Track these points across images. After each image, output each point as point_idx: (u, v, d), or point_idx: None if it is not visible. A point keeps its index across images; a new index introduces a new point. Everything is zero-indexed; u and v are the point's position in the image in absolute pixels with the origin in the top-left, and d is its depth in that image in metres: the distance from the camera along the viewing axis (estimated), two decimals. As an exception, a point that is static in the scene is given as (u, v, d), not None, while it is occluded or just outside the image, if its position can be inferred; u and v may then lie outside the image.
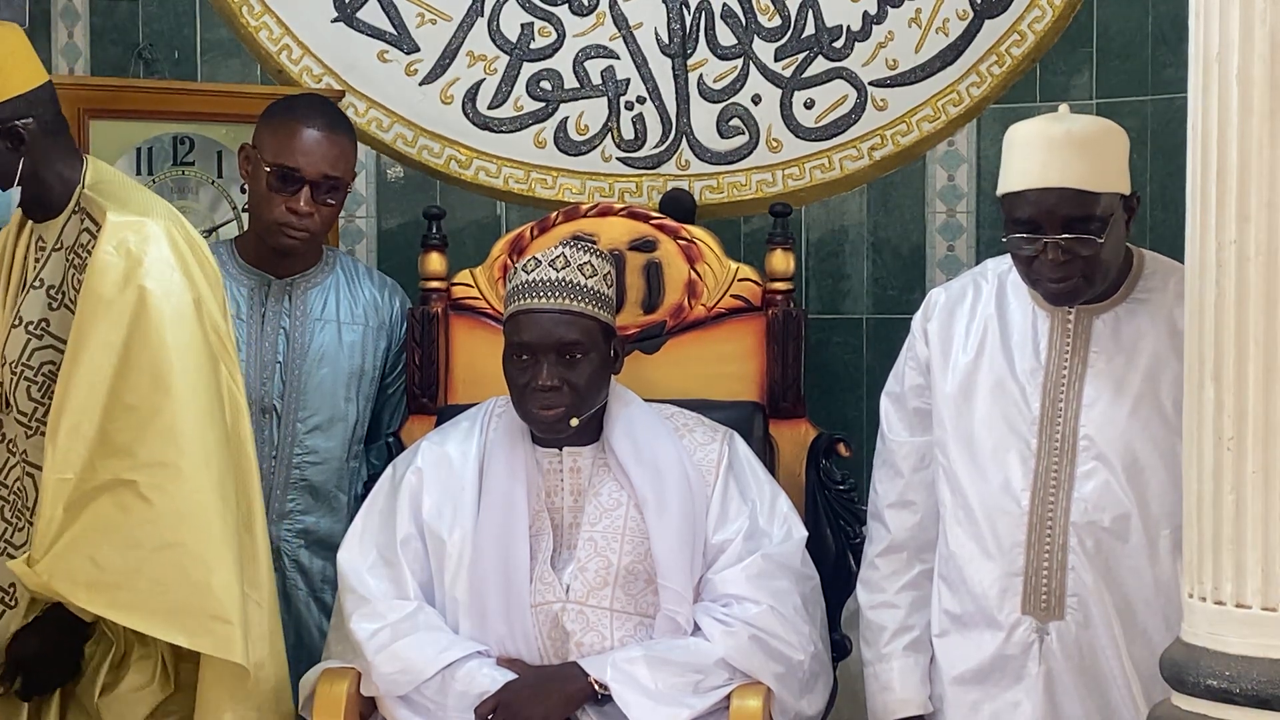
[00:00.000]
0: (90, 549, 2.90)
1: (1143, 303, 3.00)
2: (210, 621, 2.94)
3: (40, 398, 3.03)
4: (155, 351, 2.94)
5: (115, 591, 2.92)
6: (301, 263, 3.60)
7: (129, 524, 2.91)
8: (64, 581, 2.91)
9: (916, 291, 3.90)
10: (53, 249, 3.06)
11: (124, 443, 2.92)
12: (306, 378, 3.57)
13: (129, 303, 2.93)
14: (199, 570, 2.94)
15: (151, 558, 2.92)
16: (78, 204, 3.05)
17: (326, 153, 3.50)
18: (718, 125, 4.12)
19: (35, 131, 2.99)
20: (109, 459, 2.91)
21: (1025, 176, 2.90)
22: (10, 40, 3.02)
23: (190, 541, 2.94)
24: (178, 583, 2.93)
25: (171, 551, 2.93)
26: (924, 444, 3.14)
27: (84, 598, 2.92)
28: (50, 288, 3.05)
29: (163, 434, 2.94)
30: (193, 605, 2.94)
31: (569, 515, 3.20)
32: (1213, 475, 2.35)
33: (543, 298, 3.15)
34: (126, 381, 2.92)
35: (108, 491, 2.91)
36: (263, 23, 4.16)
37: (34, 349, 3.04)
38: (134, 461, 2.92)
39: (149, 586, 2.92)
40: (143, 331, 2.93)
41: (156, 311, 2.94)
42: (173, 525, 2.93)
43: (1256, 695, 2.28)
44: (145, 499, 2.91)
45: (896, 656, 3.14)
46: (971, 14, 4.06)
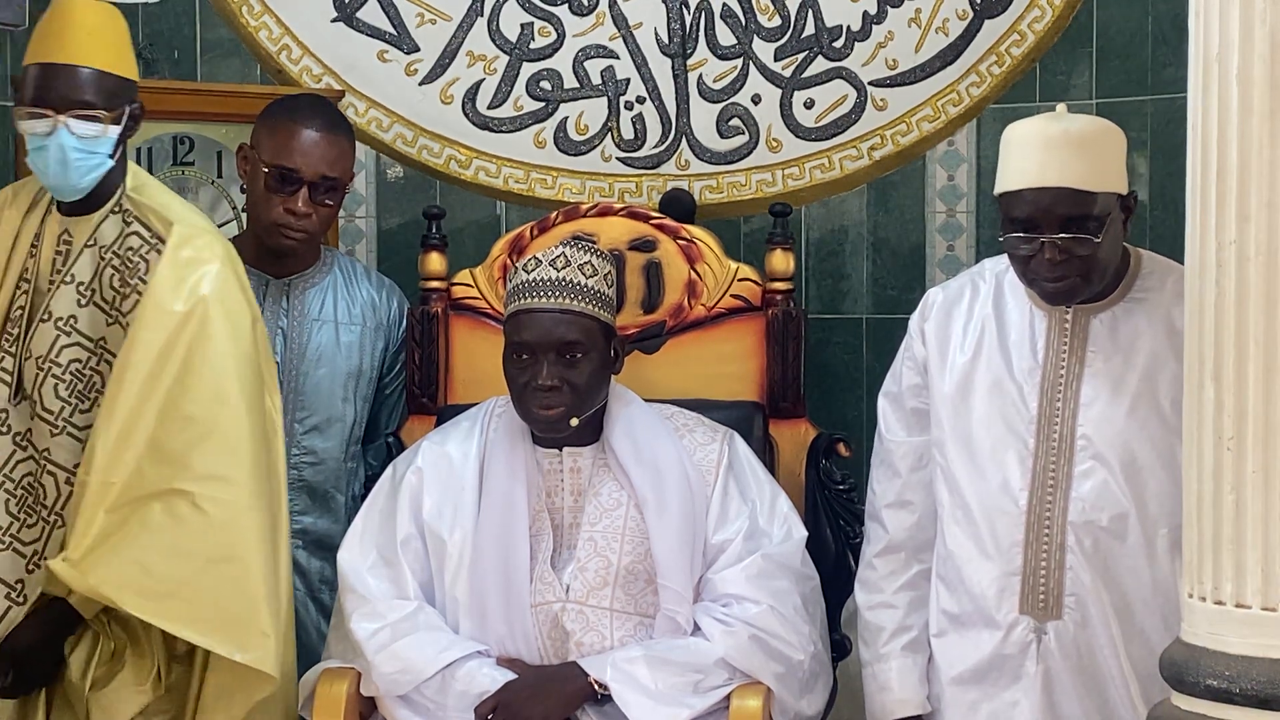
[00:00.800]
0: (140, 555, 2.91)
1: (1140, 302, 3.00)
2: (259, 636, 2.97)
3: (68, 397, 3.03)
4: (217, 365, 2.98)
5: (166, 600, 2.93)
6: (299, 263, 3.60)
7: (183, 534, 2.93)
8: (112, 586, 2.91)
9: (916, 291, 3.89)
10: (84, 245, 3.06)
11: (179, 452, 2.94)
12: (304, 378, 3.57)
13: (194, 314, 2.97)
14: (249, 584, 2.97)
15: (206, 569, 2.95)
16: (119, 204, 3.07)
17: (325, 153, 3.50)
18: (717, 125, 4.11)
19: (138, 120, 3.06)
20: (161, 466, 2.93)
21: (1022, 176, 2.90)
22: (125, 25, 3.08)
23: (243, 555, 2.97)
24: (230, 595, 2.96)
25: (226, 565, 2.96)
26: (922, 444, 3.14)
27: (133, 603, 2.93)
28: (80, 284, 3.05)
29: (220, 446, 2.97)
30: (244, 618, 2.97)
31: (569, 515, 3.20)
32: (1213, 475, 2.35)
33: (543, 297, 3.15)
34: (186, 392, 2.95)
35: (159, 499, 2.93)
36: (262, 23, 4.16)
37: (62, 346, 3.04)
38: (190, 472, 2.94)
39: (202, 597, 2.94)
40: (205, 344, 2.97)
41: (220, 326, 2.99)
42: (227, 538, 2.96)
43: (1256, 695, 2.28)
44: (200, 510, 2.94)
45: (894, 656, 3.14)
46: (971, 14, 4.06)
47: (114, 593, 2.92)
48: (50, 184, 3.03)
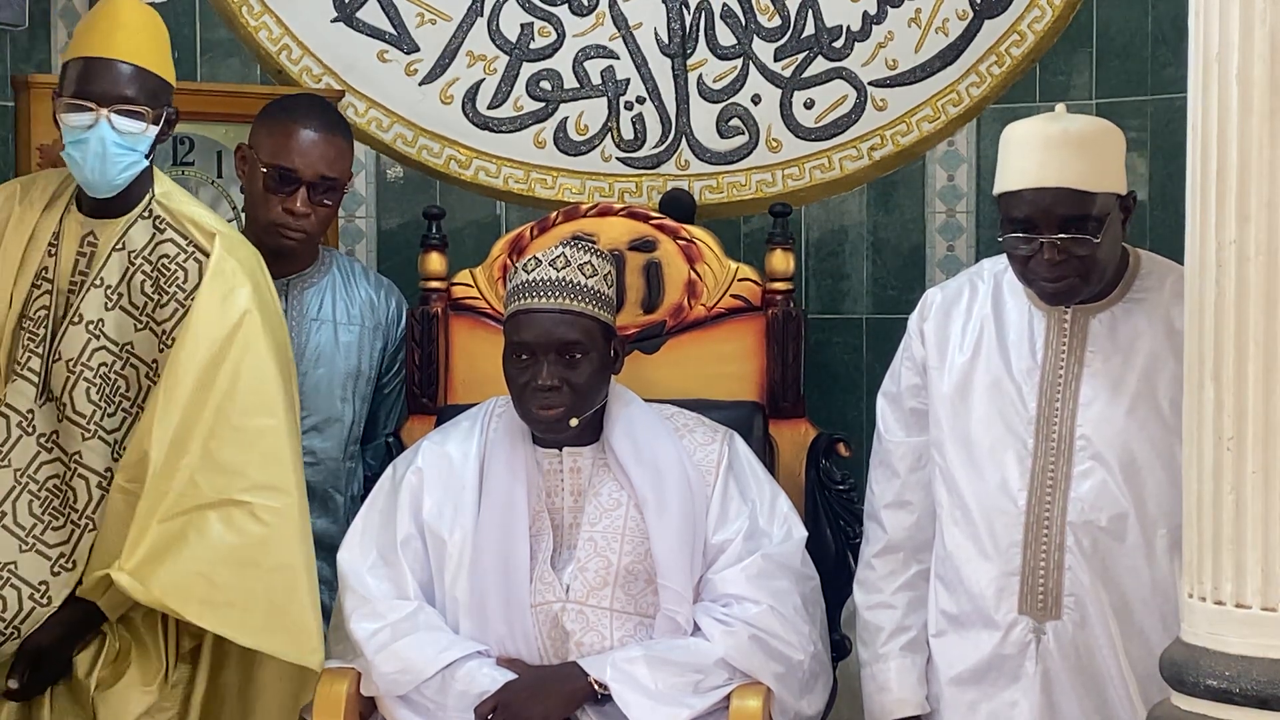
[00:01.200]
0: (204, 567, 2.94)
1: (1139, 302, 3.00)
2: (310, 637, 3.02)
3: (99, 401, 3.04)
4: (264, 376, 3.02)
5: (228, 610, 2.96)
6: (298, 263, 3.60)
7: (245, 544, 2.97)
8: (177, 598, 2.93)
9: (916, 291, 3.88)
10: (113, 250, 3.06)
11: (232, 462, 2.97)
12: (303, 378, 3.56)
13: (244, 326, 3.01)
14: (305, 590, 3.02)
15: (267, 578, 2.98)
16: (148, 210, 3.08)
17: (323, 153, 3.50)
18: (717, 125, 4.12)
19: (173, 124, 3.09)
20: (215, 477, 2.96)
21: (1021, 176, 2.90)
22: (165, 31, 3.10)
23: (299, 563, 3.02)
24: (291, 602, 3.00)
25: (286, 573, 3.00)
26: (920, 444, 3.14)
27: (195, 613, 2.95)
28: (108, 288, 3.06)
29: (270, 456, 3.01)
30: (304, 623, 3.02)
31: (569, 515, 3.20)
32: (1213, 475, 2.35)
33: (543, 297, 3.15)
34: (235, 403, 2.98)
35: (215, 510, 2.95)
36: (262, 23, 4.16)
37: (93, 349, 3.05)
38: (245, 482, 2.98)
39: (264, 606, 2.98)
40: (254, 356, 3.01)
41: (264, 337, 3.03)
42: (286, 547, 3.00)
43: (1256, 695, 2.28)
44: (259, 520, 2.97)
45: (893, 657, 3.15)
46: (971, 14, 4.07)
47: (179, 604, 2.94)
48: (86, 178, 3.03)
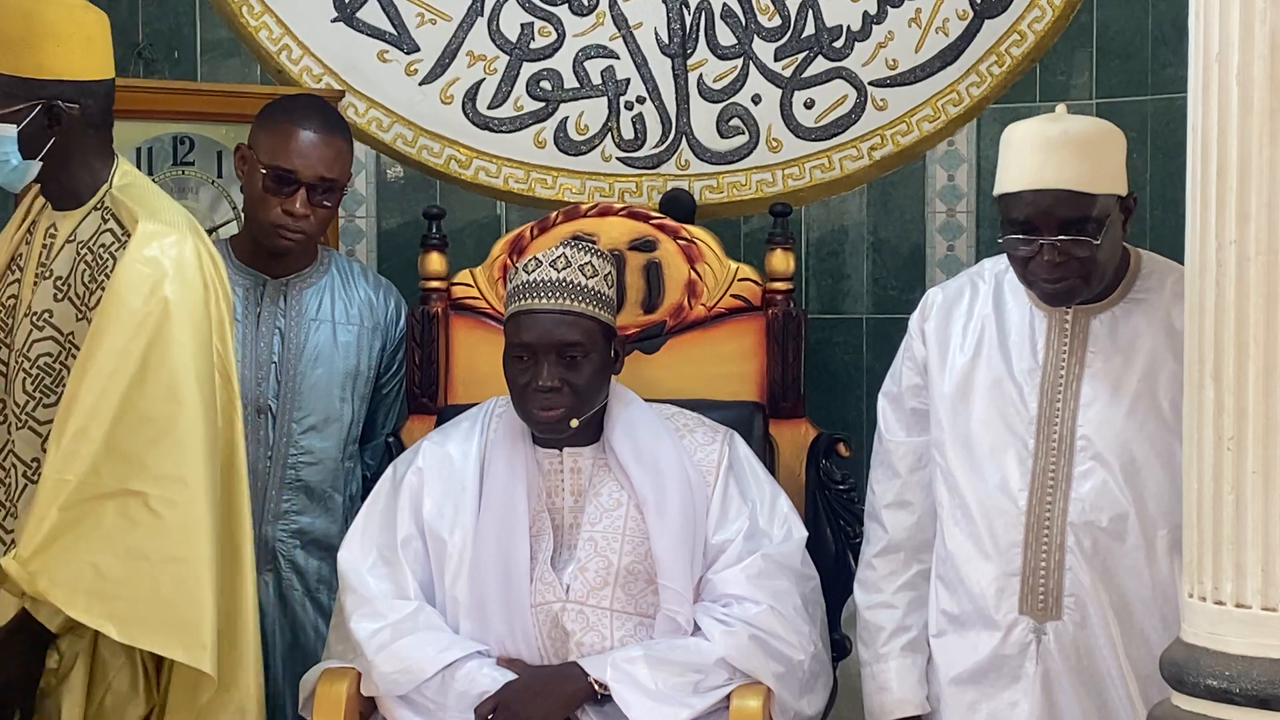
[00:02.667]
0: (93, 556, 2.88)
1: (1140, 303, 3.00)
2: (204, 636, 2.93)
3: (33, 391, 3.02)
4: (174, 364, 2.94)
5: (114, 602, 2.89)
6: (297, 263, 3.60)
7: (136, 535, 2.89)
8: (62, 588, 2.87)
9: (916, 291, 3.89)
10: (65, 240, 3.06)
11: (134, 452, 2.91)
12: (301, 378, 3.57)
13: (153, 313, 2.93)
14: (198, 586, 2.93)
15: (156, 570, 2.91)
16: (101, 201, 3.06)
17: (322, 155, 3.50)
18: (718, 125, 4.11)
19: (76, 119, 3.00)
20: (116, 466, 2.90)
21: (1022, 177, 2.90)
22: (91, 25, 3.05)
23: (193, 557, 2.93)
24: (180, 597, 2.92)
25: (176, 565, 2.92)
26: (921, 444, 3.14)
27: (81, 605, 2.88)
28: (58, 279, 3.05)
29: (175, 447, 2.94)
30: (191, 620, 2.93)
31: (569, 515, 3.21)
32: (1213, 475, 2.34)
33: (543, 298, 3.15)
34: (143, 392, 2.92)
35: (113, 499, 2.89)
36: (263, 23, 4.16)
37: (34, 340, 3.03)
38: (145, 473, 2.91)
39: (151, 599, 2.90)
40: (164, 344, 2.93)
41: (178, 325, 2.95)
42: (180, 539, 2.92)
43: (1256, 695, 2.28)
44: (154, 511, 2.90)
45: (894, 657, 3.14)
46: (971, 14, 4.06)
47: (63, 596, 2.87)
48: None
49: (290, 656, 3.54)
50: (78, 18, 3.02)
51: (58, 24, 3.00)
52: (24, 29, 2.98)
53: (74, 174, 3.05)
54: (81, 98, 3.01)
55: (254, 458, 3.49)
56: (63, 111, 2.99)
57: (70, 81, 2.99)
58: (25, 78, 2.97)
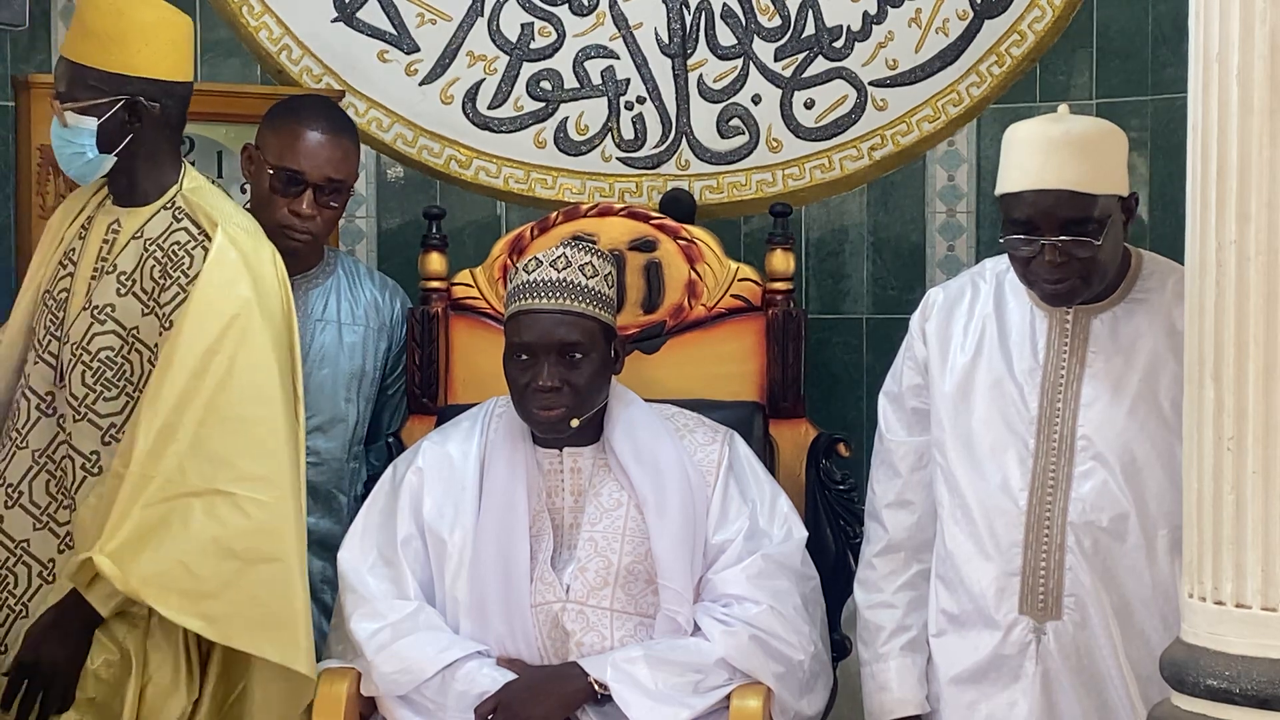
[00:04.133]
0: (182, 554, 2.91)
1: (1141, 303, 3.00)
2: (297, 636, 2.98)
3: (93, 384, 3.04)
4: (259, 367, 3.00)
5: (208, 602, 2.93)
6: (303, 264, 3.60)
7: (226, 535, 2.93)
8: (154, 586, 2.90)
9: (916, 291, 3.89)
10: (131, 237, 3.09)
11: (222, 453, 2.95)
12: (307, 379, 3.55)
13: (239, 316, 2.99)
14: (289, 586, 2.98)
15: (248, 571, 2.95)
16: (171, 201, 3.10)
17: (330, 156, 3.50)
18: (718, 125, 4.12)
19: (156, 117, 3.06)
20: (203, 466, 2.94)
21: (1023, 177, 2.90)
22: (178, 29, 3.13)
23: (283, 557, 2.98)
24: (271, 597, 2.96)
25: (267, 566, 2.97)
26: (922, 444, 3.14)
27: (174, 604, 2.92)
28: (122, 274, 3.07)
29: (261, 449, 2.99)
30: (284, 620, 2.97)
31: (569, 515, 3.21)
32: (1213, 475, 2.34)
33: (543, 298, 3.15)
34: (229, 394, 2.97)
35: (200, 499, 2.93)
36: (263, 23, 4.16)
37: (95, 333, 3.06)
38: (233, 473, 2.95)
39: (243, 599, 2.94)
40: (249, 346, 2.99)
41: (261, 328, 3.01)
42: (270, 540, 2.97)
43: (1256, 695, 2.28)
44: (244, 511, 2.94)
45: (893, 656, 3.14)
46: (971, 14, 4.07)
47: (157, 595, 2.91)
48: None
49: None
50: (167, 19, 3.11)
51: (148, 23, 3.07)
52: (115, 26, 3.05)
53: (145, 172, 3.10)
54: (163, 97, 3.08)
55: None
56: (145, 109, 3.05)
57: (155, 80, 3.06)
58: (112, 73, 3.04)
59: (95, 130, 3.03)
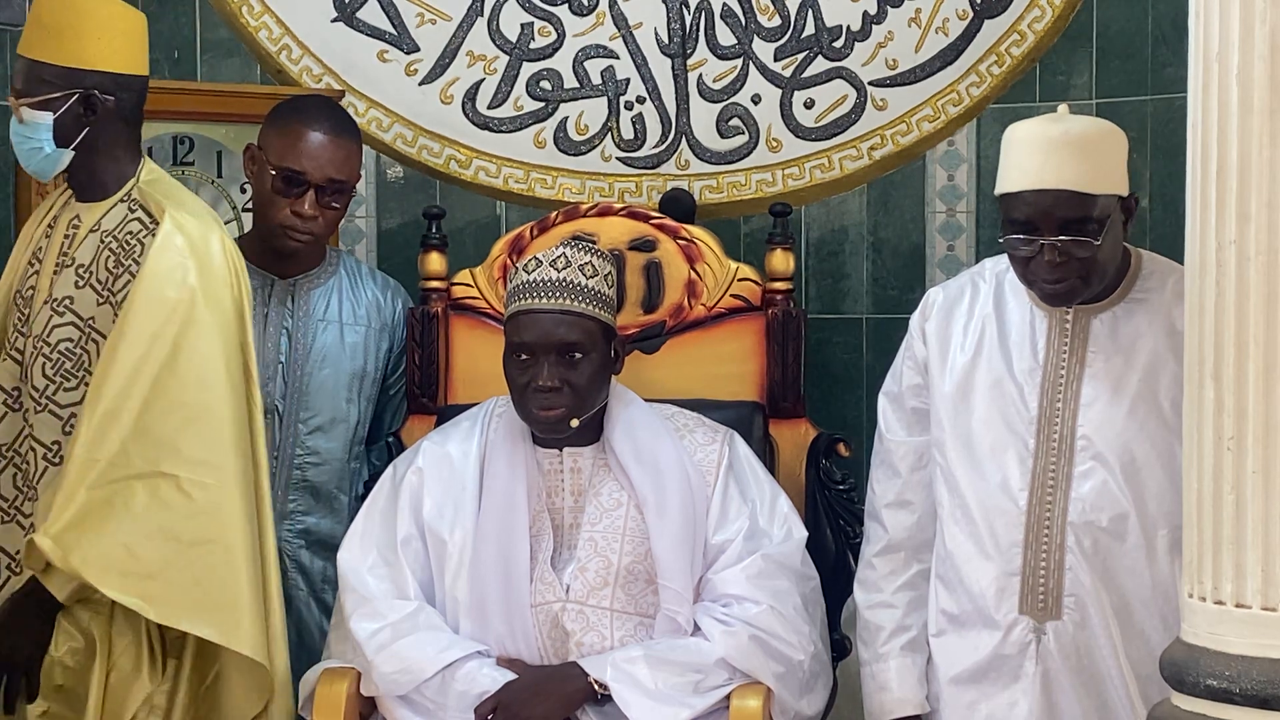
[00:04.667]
0: (126, 537, 2.93)
1: (1141, 303, 3.00)
2: (238, 618, 2.99)
3: (53, 375, 3.06)
4: (204, 352, 3.01)
5: (148, 582, 2.95)
6: (305, 264, 3.60)
7: (168, 516, 2.95)
8: (95, 566, 2.92)
9: (916, 291, 3.89)
10: (89, 230, 3.11)
11: (165, 436, 2.97)
12: (308, 378, 3.57)
13: (184, 301, 3.00)
14: (231, 568, 2.99)
15: (188, 552, 2.96)
16: (128, 194, 3.12)
17: (332, 156, 3.50)
18: (717, 125, 4.12)
19: (111, 110, 3.08)
20: (147, 449, 2.96)
21: (1022, 177, 2.90)
22: (130, 21, 3.15)
23: (226, 539, 3.00)
24: (211, 579, 2.98)
25: (208, 547, 2.98)
26: (922, 444, 3.14)
27: (115, 584, 2.94)
28: (80, 266, 3.09)
29: (205, 432, 3.00)
30: (224, 601, 2.99)
31: (569, 515, 3.21)
32: (1213, 475, 2.34)
33: (543, 298, 3.15)
34: (174, 377, 2.98)
35: (143, 481, 2.95)
36: (263, 23, 4.16)
37: (55, 325, 3.07)
38: (177, 456, 2.97)
39: (184, 580, 2.96)
40: (194, 331, 3.00)
41: (207, 313, 3.02)
42: (212, 522, 2.99)
43: (1256, 695, 2.28)
44: (186, 494, 2.96)
45: (893, 656, 3.14)
46: (971, 14, 4.06)
47: (96, 575, 2.93)
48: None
49: (294, 656, 3.52)
50: (120, 13, 3.13)
51: (99, 17, 3.09)
52: (69, 21, 3.07)
53: (103, 166, 3.12)
54: (118, 90, 3.10)
55: (261, 458, 3.51)
56: (99, 102, 3.07)
57: (108, 73, 3.08)
58: (66, 67, 3.06)
59: (51, 125, 3.05)
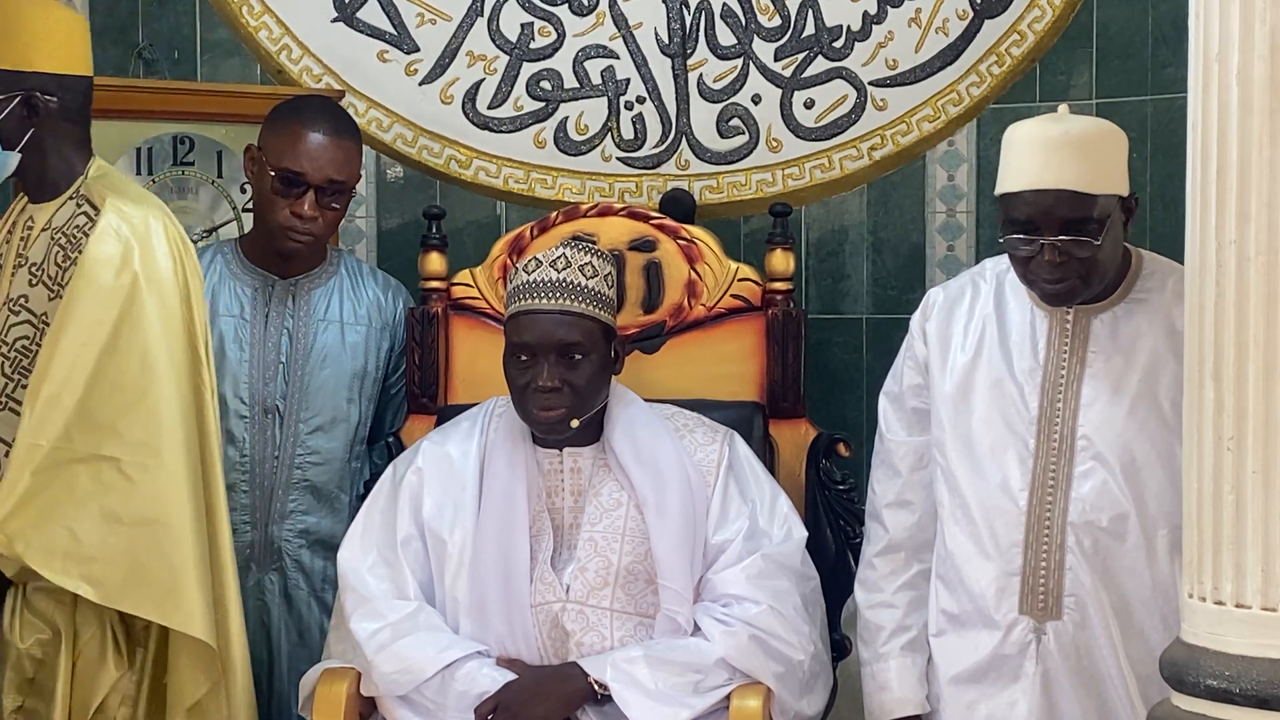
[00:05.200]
0: (68, 520, 2.97)
1: (1141, 303, 3.00)
2: (180, 598, 3.02)
3: (11, 373, 3.09)
4: (146, 336, 3.03)
5: (90, 564, 2.98)
6: (305, 263, 3.60)
7: (109, 499, 2.99)
8: (38, 550, 2.96)
9: (916, 291, 3.90)
10: (41, 230, 3.13)
11: (107, 419, 3.00)
12: (309, 378, 3.57)
13: (124, 286, 3.03)
14: (175, 548, 3.02)
15: (130, 533, 3.00)
16: (77, 191, 3.14)
17: (332, 157, 3.50)
18: (717, 125, 4.11)
19: (53, 110, 3.10)
20: (88, 433, 2.98)
21: (1023, 177, 2.90)
22: (70, 24, 3.17)
23: (169, 520, 3.03)
24: (154, 559, 3.01)
25: (150, 528, 3.01)
26: (922, 444, 3.14)
27: (58, 568, 2.98)
28: (33, 265, 3.11)
29: (147, 416, 3.03)
30: (166, 581, 3.02)
31: (569, 515, 3.21)
32: (1213, 475, 2.34)
33: (543, 298, 3.15)
34: (114, 361, 3.00)
35: (85, 464, 2.98)
36: (262, 23, 4.16)
37: (11, 324, 3.11)
38: (118, 439, 3.00)
39: (125, 561, 3.00)
40: (135, 315, 3.02)
41: (148, 297, 3.04)
42: (153, 503, 3.02)
43: (1256, 695, 2.28)
44: (127, 476, 2.99)
45: (894, 656, 3.15)
46: (971, 14, 4.06)
47: (40, 559, 2.97)
48: None
49: (295, 656, 3.54)
50: (57, 15, 3.15)
51: (38, 20, 3.11)
52: (5, 24, 3.08)
53: (51, 166, 3.14)
54: (60, 91, 3.11)
55: (261, 458, 3.52)
56: (40, 103, 3.09)
57: (49, 74, 3.10)
58: (6, 70, 3.08)
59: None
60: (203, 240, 3.94)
